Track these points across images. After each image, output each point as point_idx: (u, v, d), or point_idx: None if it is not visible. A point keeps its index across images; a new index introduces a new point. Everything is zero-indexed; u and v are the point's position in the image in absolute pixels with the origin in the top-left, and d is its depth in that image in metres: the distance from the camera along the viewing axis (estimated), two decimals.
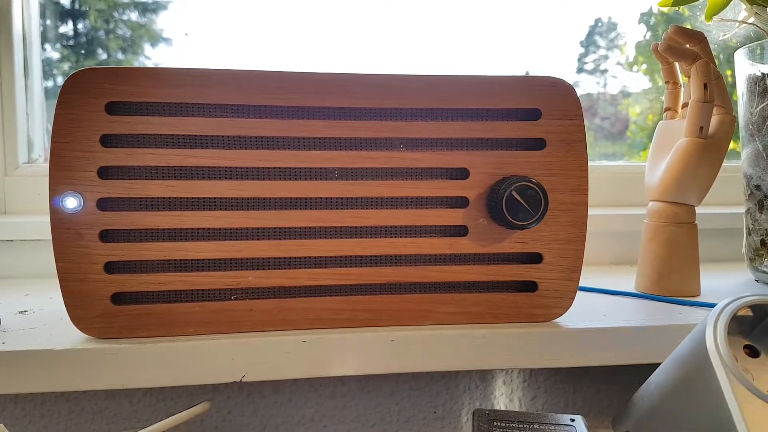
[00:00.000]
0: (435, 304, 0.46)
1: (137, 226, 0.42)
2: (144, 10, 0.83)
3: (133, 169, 0.42)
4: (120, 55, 0.83)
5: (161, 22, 0.84)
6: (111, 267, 0.42)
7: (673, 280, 0.56)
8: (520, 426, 0.38)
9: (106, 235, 0.42)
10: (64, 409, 0.55)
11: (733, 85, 0.67)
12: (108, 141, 0.42)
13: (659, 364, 0.42)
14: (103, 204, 0.42)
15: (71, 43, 0.81)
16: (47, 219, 0.41)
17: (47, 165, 0.41)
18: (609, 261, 0.75)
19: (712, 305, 0.37)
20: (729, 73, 0.87)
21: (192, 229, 0.43)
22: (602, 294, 0.57)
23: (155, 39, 0.84)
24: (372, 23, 0.81)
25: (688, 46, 0.55)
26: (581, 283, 0.48)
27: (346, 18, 0.81)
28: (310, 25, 0.80)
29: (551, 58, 0.89)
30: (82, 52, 0.82)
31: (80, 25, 0.82)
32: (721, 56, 0.88)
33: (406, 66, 0.82)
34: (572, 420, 0.39)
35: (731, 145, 0.56)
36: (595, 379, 0.62)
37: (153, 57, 0.84)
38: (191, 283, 0.43)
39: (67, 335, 0.43)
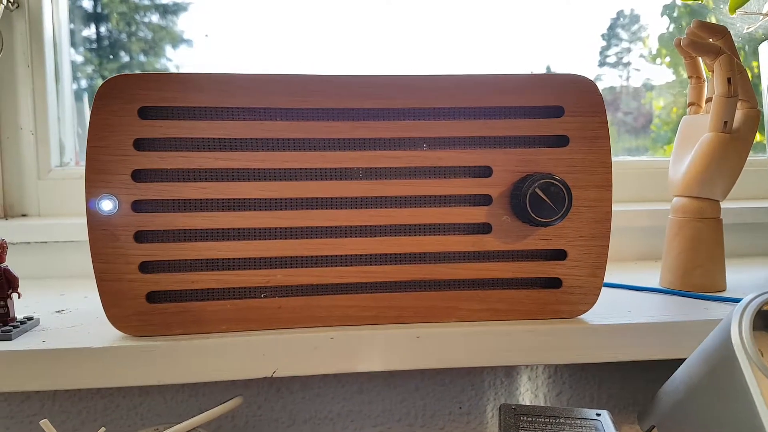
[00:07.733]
0: (460, 301, 0.47)
1: (171, 227, 0.43)
2: (165, 12, 0.85)
3: (165, 171, 0.43)
4: (142, 57, 0.85)
5: (182, 23, 0.85)
6: (146, 267, 0.44)
7: (698, 276, 0.56)
8: (546, 420, 0.39)
9: (140, 236, 0.43)
10: (100, 406, 0.56)
11: (759, 77, 0.66)
12: (141, 145, 0.43)
13: (684, 359, 0.42)
14: (138, 206, 0.43)
15: (94, 46, 0.83)
16: (80, 221, 0.42)
17: (79, 168, 0.43)
18: (634, 257, 0.75)
19: (738, 300, 0.37)
20: (755, 64, 0.85)
21: (223, 229, 0.44)
22: (627, 290, 0.57)
23: (176, 41, 0.85)
24: (394, 22, 0.82)
25: (711, 40, 0.55)
26: (606, 279, 0.48)
27: (365, 16, 0.82)
28: (329, 24, 0.81)
29: (573, 51, 0.89)
30: (106, 55, 0.83)
31: (103, 29, 0.83)
32: (747, 48, 0.87)
33: (428, 64, 0.83)
34: (598, 414, 0.40)
35: (757, 137, 0.56)
36: (620, 374, 0.62)
37: (174, 58, 0.85)
38: (223, 282, 0.44)
39: (104, 333, 0.45)
